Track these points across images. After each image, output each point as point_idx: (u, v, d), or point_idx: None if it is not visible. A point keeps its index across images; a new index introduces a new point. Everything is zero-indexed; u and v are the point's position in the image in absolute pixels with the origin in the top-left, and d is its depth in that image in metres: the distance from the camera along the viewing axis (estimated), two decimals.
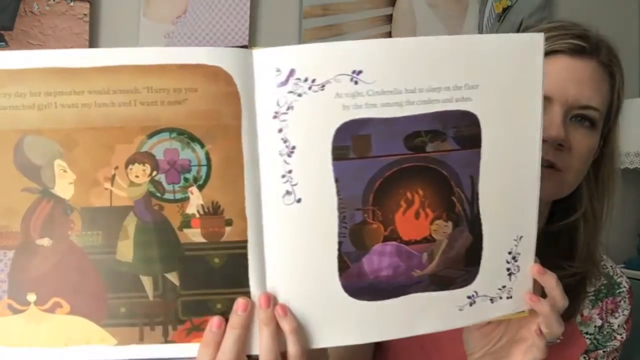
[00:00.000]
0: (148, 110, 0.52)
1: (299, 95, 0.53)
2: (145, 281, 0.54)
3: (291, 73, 0.53)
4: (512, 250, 0.60)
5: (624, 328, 0.86)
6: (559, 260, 0.75)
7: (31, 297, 0.53)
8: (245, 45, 0.52)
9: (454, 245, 0.58)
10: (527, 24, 1.96)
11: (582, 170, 0.79)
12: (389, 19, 1.61)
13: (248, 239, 0.55)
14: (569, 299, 0.62)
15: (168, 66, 0.52)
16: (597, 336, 0.85)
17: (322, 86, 0.53)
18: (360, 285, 0.56)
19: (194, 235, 0.54)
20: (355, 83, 0.54)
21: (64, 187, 0.53)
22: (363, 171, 0.55)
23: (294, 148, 0.54)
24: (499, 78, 0.57)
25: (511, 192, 0.59)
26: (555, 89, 0.75)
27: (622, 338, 0.85)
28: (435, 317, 0.59)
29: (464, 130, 0.57)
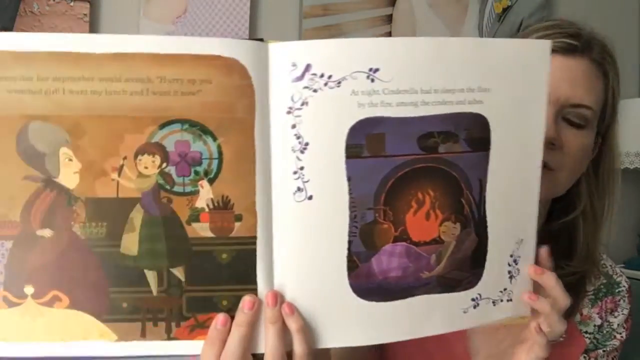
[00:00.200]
0: (160, 100, 0.51)
1: (314, 91, 0.52)
2: (150, 276, 0.53)
3: (307, 68, 0.52)
4: (514, 253, 0.60)
5: (623, 327, 0.86)
6: (559, 259, 0.76)
7: (28, 290, 0.51)
8: (261, 39, 0.50)
9: (461, 247, 0.58)
10: (527, 24, 1.98)
11: (576, 170, 0.79)
12: (389, 19, 1.61)
13: (257, 235, 0.53)
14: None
15: (183, 56, 0.50)
16: (597, 335, 0.86)
17: (338, 83, 0.53)
18: (368, 285, 0.56)
19: (202, 230, 0.53)
20: (372, 81, 0.53)
21: (68, 177, 0.50)
22: (376, 170, 0.55)
23: (307, 144, 0.53)
24: (509, 82, 0.57)
25: (514, 196, 0.60)
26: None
27: (622, 337, 0.86)
28: (440, 319, 0.58)
29: (475, 132, 0.57)
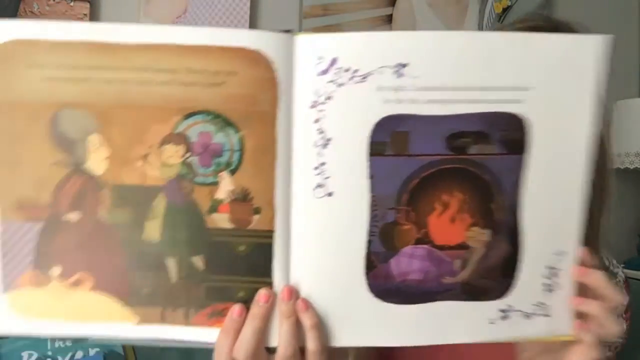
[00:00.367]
0: (186, 91, 0.51)
1: (339, 85, 0.51)
2: (171, 263, 0.54)
3: (333, 62, 0.51)
4: (552, 265, 0.57)
5: (622, 317, 0.82)
6: None
7: (56, 271, 0.53)
8: (289, 30, 0.50)
9: (490, 255, 0.55)
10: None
11: None
12: (389, 19, 1.58)
13: (275, 229, 0.53)
14: None
15: (210, 47, 0.51)
16: None
17: (364, 77, 0.51)
18: (387, 286, 0.54)
19: (221, 221, 0.53)
20: (399, 76, 0.51)
21: (96, 163, 0.52)
22: (399, 169, 0.53)
23: (329, 140, 0.52)
24: (554, 81, 0.53)
25: (556, 204, 0.56)
26: None
27: (623, 328, 0.81)
28: (463, 328, 0.56)
29: (511, 134, 0.54)
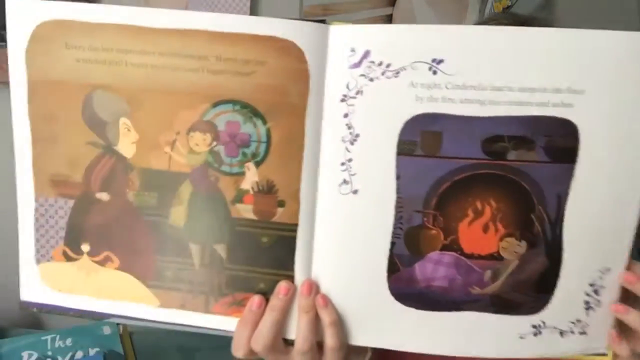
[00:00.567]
0: (215, 78, 0.51)
1: (371, 79, 0.49)
2: (194, 249, 0.54)
3: (365, 55, 0.49)
4: (595, 283, 0.52)
5: None
6: None
7: (85, 248, 0.55)
8: (323, 20, 0.48)
9: (525, 268, 0.52)
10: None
11: None
12: (389, 19, 1.52)
13: (299, 222, 0.52)
14: None
15: (240, 35, 0.50)
16: None
17: (397, 72, 0.49)
18: (409, 291, 0.52)
19: (245, 211, 0.53)
20: (434, 73, 0.48)
21: (126, 146, 0.53)
22: (429, 171, 0.50)
23: (357, 136, 0.50)
24: (613, 85, 0.48)
25: (604, 219, 0.51)
26: None
27: None
28: (489, 341, 0.53)
29: (559, 141, 0.49)
